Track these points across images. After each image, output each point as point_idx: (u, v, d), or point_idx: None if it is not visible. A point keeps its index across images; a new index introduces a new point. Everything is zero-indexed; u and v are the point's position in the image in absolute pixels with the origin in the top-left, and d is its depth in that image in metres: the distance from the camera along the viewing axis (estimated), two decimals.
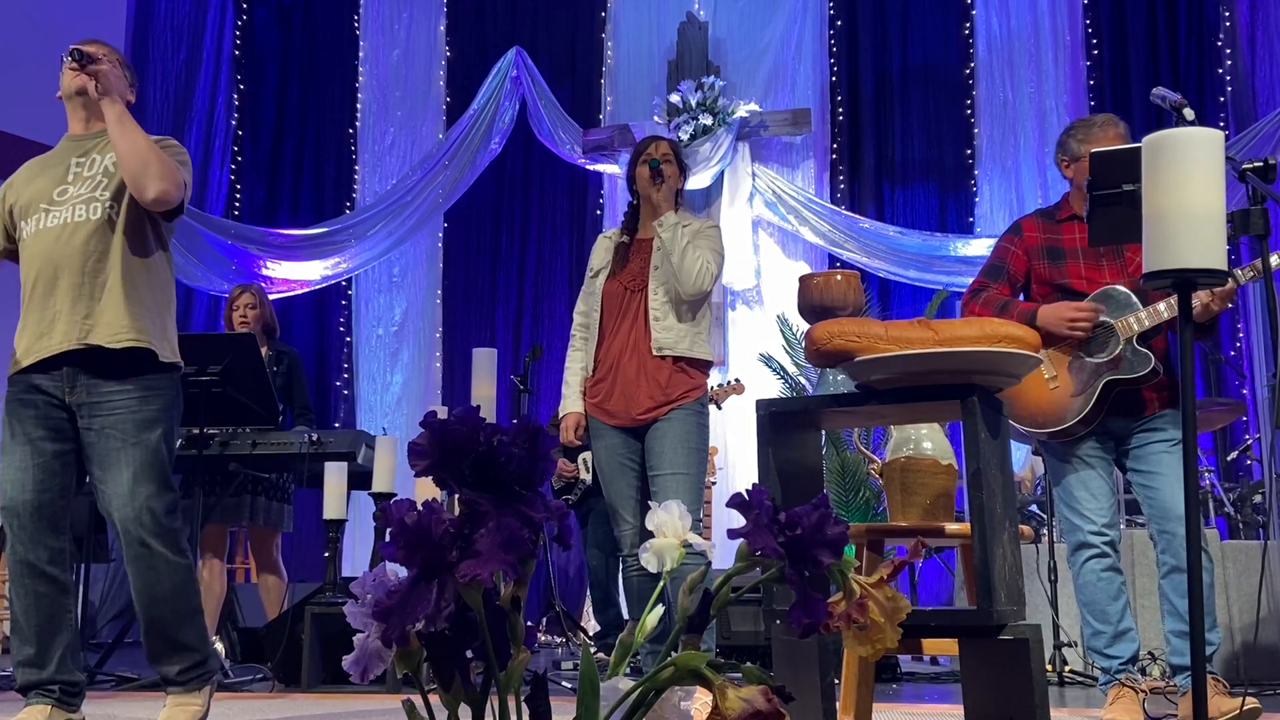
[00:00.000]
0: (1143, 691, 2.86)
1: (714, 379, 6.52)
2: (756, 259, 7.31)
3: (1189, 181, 1.71)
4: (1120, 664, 2.86)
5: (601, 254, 3.39)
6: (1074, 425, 2.87)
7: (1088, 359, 2.86)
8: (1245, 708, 2.65)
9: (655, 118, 7.37)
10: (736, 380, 5.49)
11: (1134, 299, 2.86)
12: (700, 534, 2.99)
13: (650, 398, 3.13)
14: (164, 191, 2.57)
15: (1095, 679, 4.09)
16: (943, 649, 2.27)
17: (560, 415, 3.32)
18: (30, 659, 2.52)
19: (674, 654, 1.00)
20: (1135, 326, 2.83)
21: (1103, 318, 2.88)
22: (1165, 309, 2.82)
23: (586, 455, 5.02)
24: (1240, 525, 5.21)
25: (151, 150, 2.57)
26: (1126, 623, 2.87)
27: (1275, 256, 2.63)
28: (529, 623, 1.00)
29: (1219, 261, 1.70)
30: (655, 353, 3.15)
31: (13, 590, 2.54)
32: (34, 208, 2.67)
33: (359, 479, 4.40)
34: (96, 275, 2.59)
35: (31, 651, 2.52)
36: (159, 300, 2.66)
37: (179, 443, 3.16)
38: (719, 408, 5.02)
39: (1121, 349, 2.84)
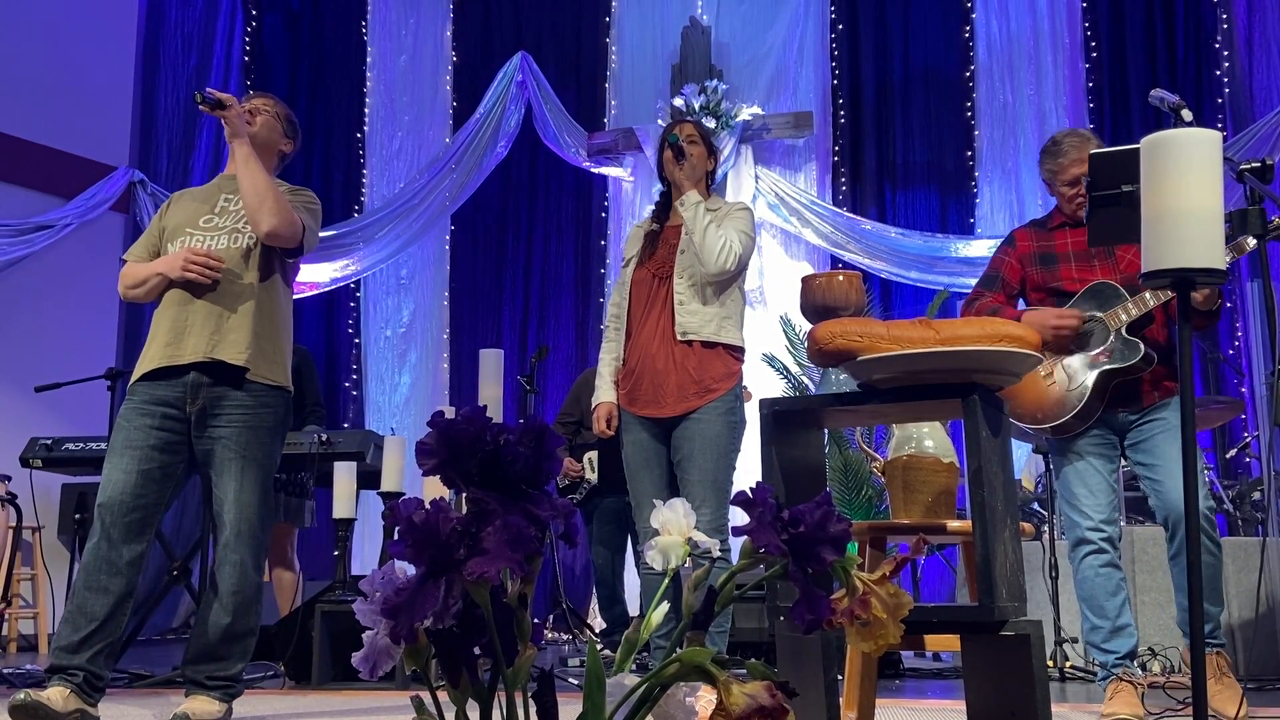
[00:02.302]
0: (1140, 685, 2.88)
1: None
2: (759, 260, 7.32)
3: (1187, 182, 1.72)
4: (1117, 659, 2.88)
5: (632, 243, 3.31)
6: (1072, 420, 2.90)
7: (1081, 353, 2.91)
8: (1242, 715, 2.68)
9: (659, 121, 7.38)
10: (744, 388, 5.50)
11: (1122, 292, 2.91)
12: (725, 535, 3.00)
13: (680, 387, 3.05)
14: (275, 227, 2.79)
15: (1095, 674, 4.11)
16: (945, 645, 2.27)
17: (593, 405, 3.25)
18: (70, 645, 2.60)
19: (679, 650, 1.01)
20: (1123, 316, 2.87)
21: (1093, 312, 2.93)
22: (1151, 297, 2.87)
23: (592, 455, 5.04)
24: (1239, 522, 5.22)
25: (270, 189, 2.80)
26: (1125, 618, 2.89)
27: (1252, 240, 2.63)
28: (535, 620, 1.01)
29: (1217, 261, 1.71)
30: (680, 337, 3.07)
31: (84, 580, 2.64)
32: (180, 231, 2.89)
33: (368, 478, 4.44)
34: (229, 298, 2.81)
35: (76, 639, 2.60)
36: (279, 328, 2.90)
37: None
38: None
39: (1112, 340, 2.89)
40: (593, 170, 7.62)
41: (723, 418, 3.07)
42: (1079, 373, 2.90)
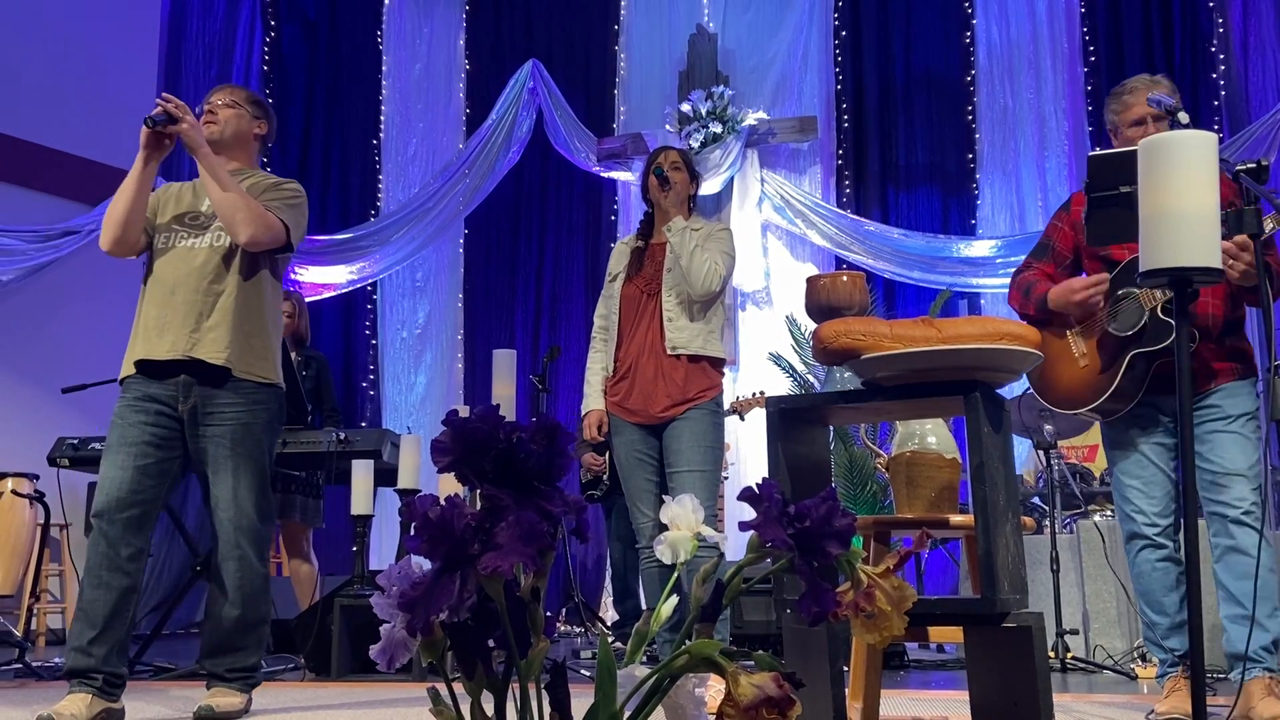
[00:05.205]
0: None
1: (737, 390, 6.55)
2: (765, 261, 7.39)
3: (1184, 183, 1.74)
4: (1178, 655, 2.71)
5: (618, 259, 3.51)
6: (1106, 403, 2.72)
7: (1115, 334, 2.71)
8: None
9: (667, 126, 7.46)
10: (761, 393, 5.56)
11: None
12: (715, 527, 3.07)
13: (668, 396, 3.26)
14: (252, 236, 2.78)
15: (1099, 666, 4.14)
16: (948, 637, 2.31)
17: (583, 413, 3.44)
18: (84, 646, 2.62)
19: (688, 642, 1.02)
20: (1158, 295, 2.66)
21: (1129, 289, 2.70)
22: None
23: None
24: None
25: (239, 201, 2.77)
26: (1185, 614, 2.68)
27: (1270, 221, 2.51)
28: (548, 613, 1.03)
29: (1214, 260, 1.74)
30: (670, 352, 3.28)
31: (88, 579, 2.65)
32: (167, 227, 2.90)
33: (385, 476, 4.51)
34: (209, 296, 2.79)
35: (89, 639, 2.62)
36: (265, 325, 2.87)
37: None
38: (742, 419, 5.09)
39: (1145, 320, 2.68)
40: (602, 174, 7.68)
41: (709, 417, 3.27)
42: (1111, 353, 2.71)
